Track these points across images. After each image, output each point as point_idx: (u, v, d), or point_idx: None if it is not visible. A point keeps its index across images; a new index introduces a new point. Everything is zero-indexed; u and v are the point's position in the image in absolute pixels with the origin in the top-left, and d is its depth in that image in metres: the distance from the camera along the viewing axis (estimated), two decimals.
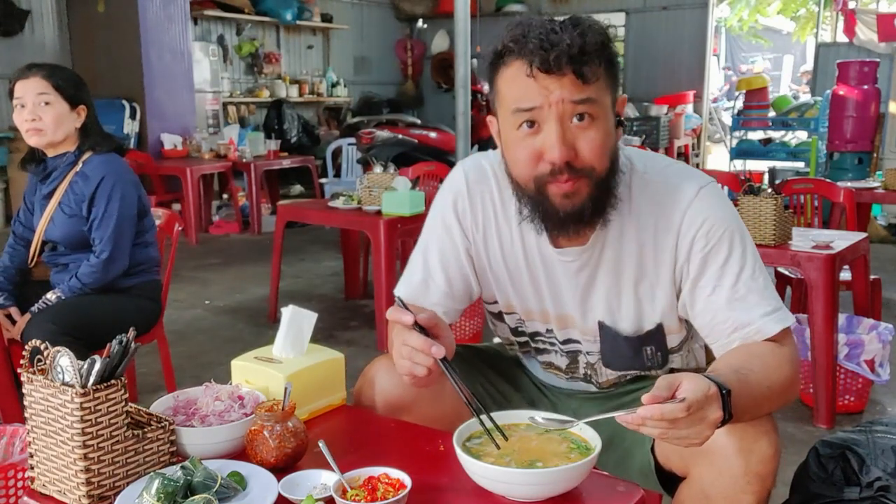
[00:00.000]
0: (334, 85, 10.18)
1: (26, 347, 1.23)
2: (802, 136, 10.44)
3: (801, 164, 9.29)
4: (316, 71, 10.12)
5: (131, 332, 1.24)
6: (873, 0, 12.92)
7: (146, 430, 1.22)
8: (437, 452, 1.31)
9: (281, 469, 1.22)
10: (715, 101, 14.89)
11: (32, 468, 1.22)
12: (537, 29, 1.25)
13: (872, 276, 3.38)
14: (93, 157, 2.48)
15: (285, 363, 1.47)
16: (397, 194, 3.71)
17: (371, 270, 4.31)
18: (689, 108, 10.20)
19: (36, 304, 2.43)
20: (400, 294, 1.53)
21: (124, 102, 7.00)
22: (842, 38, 10.61)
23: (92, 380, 1.17)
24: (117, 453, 1.18)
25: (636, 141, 8.67)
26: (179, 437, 1.27)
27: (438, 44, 10.87)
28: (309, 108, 9.90)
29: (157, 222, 2.72)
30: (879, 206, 6.53)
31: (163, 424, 1.24)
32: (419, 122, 8.51)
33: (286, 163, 7.32)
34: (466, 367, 1.55)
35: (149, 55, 7.14)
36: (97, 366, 1.17)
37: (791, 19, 18.15)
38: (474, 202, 1.50)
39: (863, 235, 3.15)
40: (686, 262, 1.38)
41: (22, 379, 1.21)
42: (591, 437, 1.22)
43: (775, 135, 10.91)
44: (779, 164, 9.19)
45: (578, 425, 1.24)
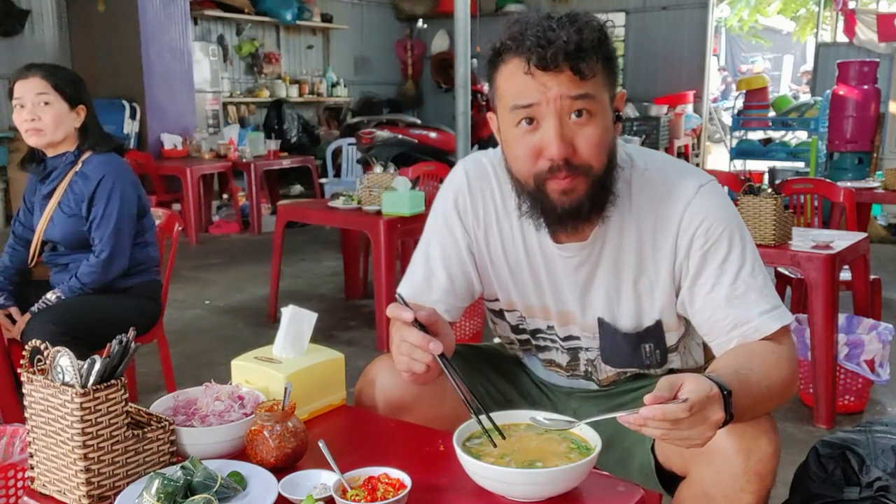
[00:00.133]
0: (334, 85, 10.18)
1: (26, 347, 1.23)
2: (802, 136, 10.44)
3: (801, 164, 9.29)
4: (316, 71, 10.12)
5: (131, 332, 1.24)
6: (873, 0, 12.93)
7: (146, 430, 1.22)
8: (437, 452, 1.31)
9: (281, 469, 1.22)
10: (715, 101, 14.90)
11: (32, 468, 1.22)
12: (535, 26, 1.25)
13: (872, 276, 3.39)
14: (92, 157, 2.48)
15: (285, 363, 1.46)
16: (397, 194, 3.71)
17: (371, 270, 4.31)
18: (689, 108, 10.21)
19: (36, 304, 2.43)
20: (402, 293, 1.52)
21: (124, 102, 7.00)
22: (842, 38, 10.62)
23: (92, 380, 1.17)
24: (117, 453, 1.18)
25: (636, 141, 8.67)
26: (179, 437, 1.27)
27: (438, 44, 10.88)
28: (309, 108, 9.90)
29: (157, 222, 2.72)
30: (879, 206, 6.53)
31: (163, 424, 1.24)
32: (419, 122, 8.50)
33: (286, 163, 7.32)
34: (467, 366, 1.55)
35: (149, 55, 7.15)
36: (97, 366, 1.18)
37: (791, 19, 18.16)
38: (475, 199, 1.50)
39: (863, 235, 3.15)
40: (685, 260, 1.39)
41: (22, 379, 1.21)
42: (591, 437, 1.22)
43: (775, 135, 10.91)
44: (779, 164, 9.19)
45: (580, 426, 1.24)
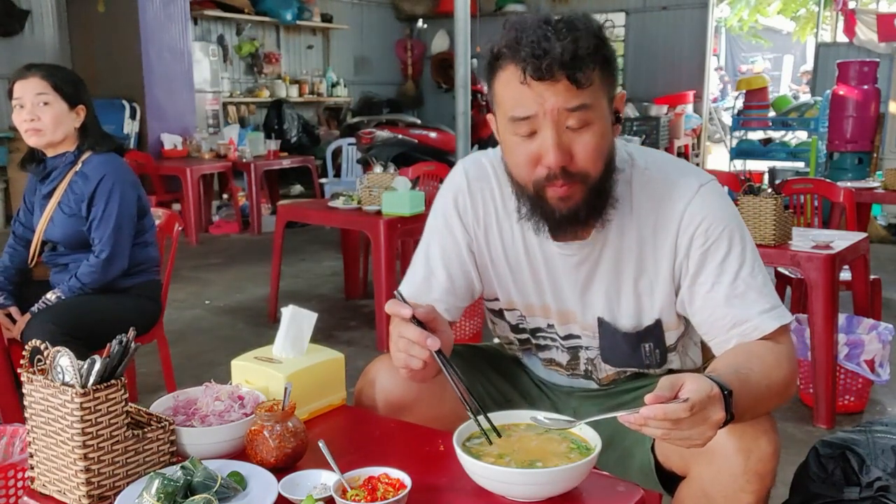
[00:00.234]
0: (334, 85, 10.18)
1: (26, 347, 1.23)
2: (802, 136, 10.44)
3: (801, 164, 9.29)
4: (316, 71, 10.12)
5: (131, 332, 1.24)
6: (873, 0, 12.93)
7: (146, 430, 1.22)
8: (437, 452, 1.31)
9: (281, 469, 1.22)
10: (715, 101, 14.90)
11: (32, 468, 1.22)
12: (531, 33, 1.24)
13: (872, 276, 3.39)
14: (92, 157, 2.48)
15: (285, 363, 1.46)
16: (397, 194, 3.71)
17: (371, 270, 4.31)
18: (689, 108, 10.20)
19: (36, 304, 2.43)
20: (403, 292, 1.53)
21: (124, 102, 7.00)
22: (842, 38, 10.62)
23: (92, 380, 1.16)
24: (117, 453, 1.18)
25: (636, 141, 8.67)
26: (179, 437, 1.27)
27: (438, 44, 10.88)
28: (309, 108, 9.90)
29: (157, 222, 2.72)
30: (879, 206, 6.53)
31: (163, 424, 1.24)
32: (419, 122, 8.50)
33: (286, 163, 7.32)
34: (467, 366, 1.55)
35: (149, 55, 7.15)
36: (97, 366, 1.17)
37: (791, 19, 18.15)
38: (475, 198, 1.51)
39: (863, 235, 3.15)
40: (685, 259, 1.39)
41: (22, 379, 1.21)
42: (591, 437, 1.22)
43: (775, 135, 10.91)
44: (779, 164, 9.19)
45: (580, 425, 1.24)
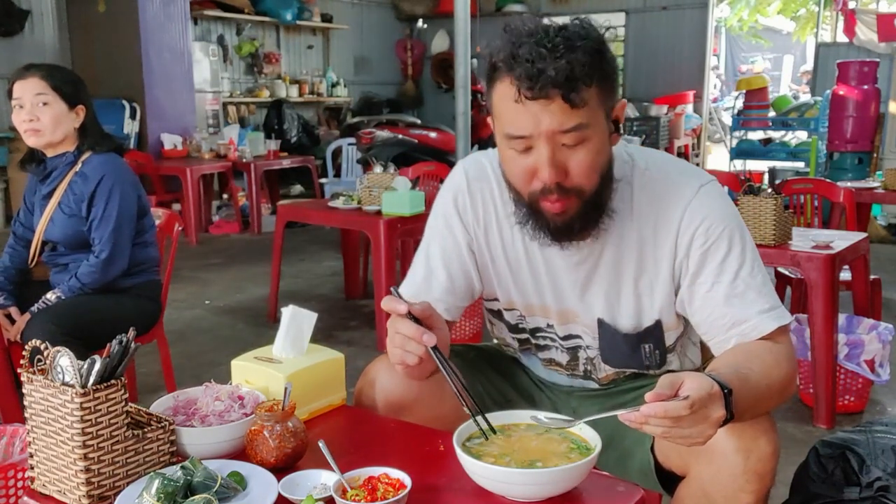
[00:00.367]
0: (334, 85, 10.18)
1: (26, 347, 1.23)
2: (802, 136, 10.44)
3: (801, 164, 9.29)
4: (316, 71, 10.12)
5: (131, 332, 1.24)
6: (873, 0, 12.93)
7: (146, 430, 1.22)
8: (437, 452, 1.31)
9: (281, 469, 1.22)
10: (715, 101, 14.90)
11: (32, 468, 1.22)
12: (526, 49, 1.22)
13: (872, 276, 3.39)
14: (92, 157, 2.48)
15: (285, 363, 1.46)
16: (397, 194, 3.71)
17: (371, 270, 4.31)
18: (689, 108, 10.21)
19: (36, 305, 2.43)
20: (403, 292, 1.53)
21: (124, 102, 7.00)
22: (842, 38, 10.62)
23: (92, 380, 1.16)
24: (117, 453, 1.18)
25: (636, 141, 8.67)
26: (179, 437, 1.27)
27: (438, 44, 10.88)
28: (309, 108, 9.90)
29: (157, 222, 2.72)
30: (879, 206, 6.53)
31: (163, 424, 1.24)
32: (419, 122, 8.50)
33: (286, 163, 7.32)
34: (466, 366, 1.55)
35: (149, 55, 7.15)
36: (97, 366, 1.17)
37: (791, 19, 18.16)
38: (475, 198, 1.51)
39: (863, 235, 3.15)
40: (685, 259, 1.39)
41: (22, 379, 1.21)
42: (591, 437, 1.22)
43: (775, 135, 10.91)
44: (779, 164, 9.20)
45: (580, 425, 1.24)
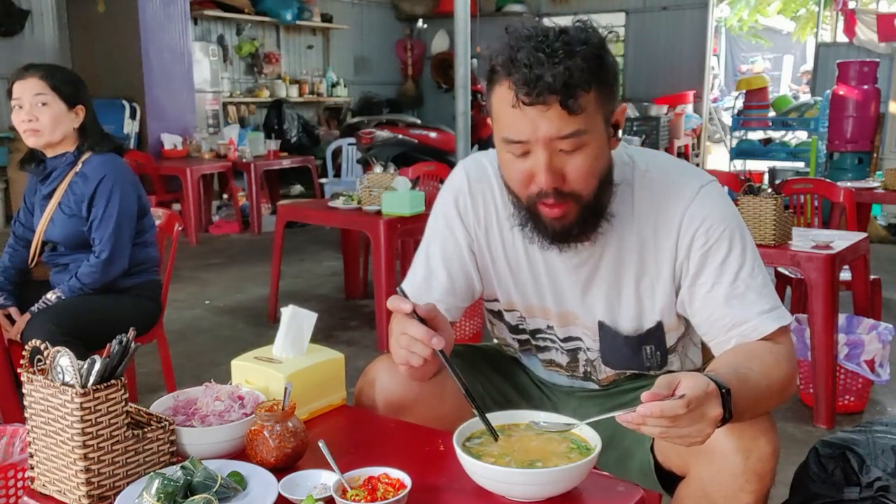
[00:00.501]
0: (334, 85, 10.18)
1: (26, 347, 1.23)
2: (802, 136, 10.44)
3: (801, 164, 9.29)
4: (316, 71, 10.12)
5: (131, 332, 1.24)
6: (873, 0, 12.93)
7: (146, 430, 1.22)
8: (437, 452, 1.31)
9: (281, 469, 1.22)
10: (715, 101, 14.89)
11: (32, 468, 1.22)
12: (525, 54, 1.21)
13: (872, 276, 3.38)
14: (92, 158, 2.48)
15: (285, 363, 1.46)
16: (397, 194, 3.71)
17: (371, 270, 4.31)
18: (689, 108, 10.21)
19: (36, 305, 2.43)
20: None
21: (124, 102, 7.00)
22: (842, 38, 10.62)
23: (92, 380, 1.17)
24: (117, 453, 1.18)
25: (636, 141, 8.68)
26: (179, 437, 1.27)
27: (438, 44, 10.87)
28: (309, 108, 9.90)
29: (157, 222, 2.72)
30: (879, 206, 6.53)
31: (163, 424, 1.24)
32: (419, 122, 8.50)
33: (286, 163, 7.32)
34: (466, 366, 1.55)
35: (149, 55, 7.14)
36: (97, 366, 1.17)
37: (791, 19, 18.15)
38: (475, 199, 1.51)
39: (863, 235, 3.15)
40: (686, 260, 1.39)
41: (22, 379, 1.21)
42: (591, 437, 1.22)
43: (775, 135, 10.91)
44: (779, 164, 9.19)
45: (579, 426, 1.24)
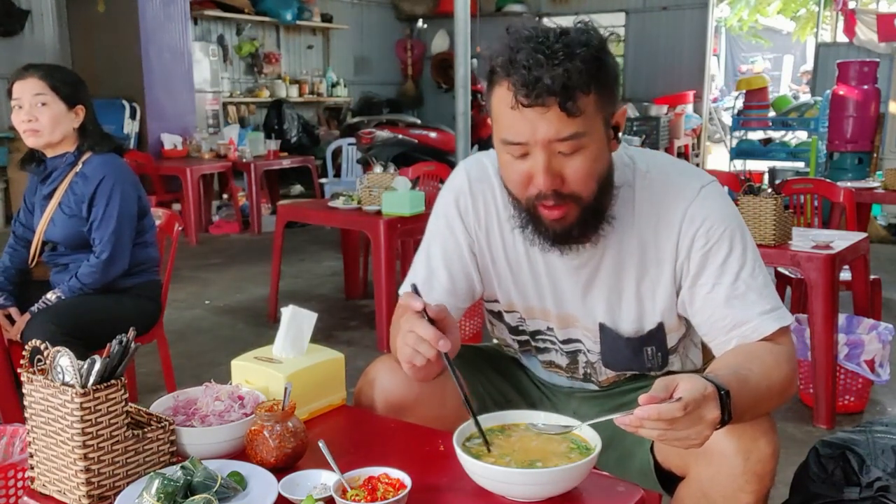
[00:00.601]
0: (334, 85, 10.18)
1: (26, 347, 1.23)
2: (802, 136, 10.44)
3: (801, 164, 9.29)
4: (316, 71, 10.12)
5: (131, 332, 1.24)
6: (873, 0, 12.93)
7: (146, 430, 1.22)
8: (437, 452, 1.31)
9: (281, 469, 1.22)
10: (715, 101, 14.89)
11: (32, 468, 1.22)
12: (524, 55, 1.21)
13: (872, 276, 3.38)
14: (92, 158, 2.48)
15: (285, 363, 1.47)
16: (397, 194, 3.71)
17: (371, 270, 4.31)
18: (689, 108, 10.21)
19: (36, 305, 2.43)
20: (404, 293, 1.53)
21: (124, 102, 7.00)
22: (842, 38, 10.62)
23: (92, 380, 1.17)
24: (117, 453, 1.18)
25: (636, 141, 8.68)
26: (179, 437, 1.27)
27: (438, 44, 10.87)
28: (309, 108, 9.90)
29: (157, 222, 2.72)
30: (879, 206, 6.53)
31: (163, 424, 1.24)
32: (419, 122, 8.50)
33: (286, 163, 7.32)
34: (466, 366, 1.55)
35: (149, 55, 7.14)
36: (97, 366, 1.18)
37: (791, 19, 18.15)
38: (476, 200, 1.51)
39: (863, 235, 3.15)
40: (686, 260, 1.39)
41: (22, 379, 1.21)
42: (591, 438, 1.22)
43: (775, 135, 10.91)
44: (779, 164, 9.20)
45: (579, 427, 1.24)
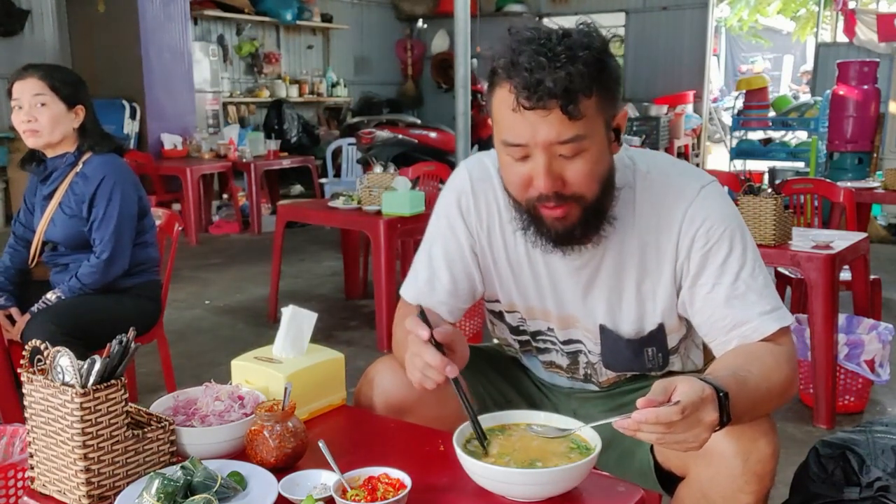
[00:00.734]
0: (334, 85, 10.18)
1: (26, 347, 1.23)
2: (802, 136, 10.44)
3: (801, 164, 9.29)
4: (316, 71, 10.12)
5: (131, 332, 1.24)
6: (873, 0, 12.93)
7: (146, 430, 1.22)
8: (437, 452, 1.31)
9: (281, 469, 1.22)
10: (715, 101, 14.89)
11: (32, 468, 1.22)
12: (526, 57, 1.20)
13: (872, 276, 3.38)
14: (93, 158, 2.48)
15: (285, 363, 1.47)
16: (397, 194, 3.71)
17: (371, 270, 4.31)
18: (689, 108, 10.21)
19: (36, 305, 2.43)
20: (406, 295, 1.53)
21: (124, 102, 7.00)
22: (842, 38, 10.62)
23: (92, 380, 1.17)
24: (117, 453, 1.18)
25: (636, 141, 8.67)
26: (179, 437, 1.27)
27: (438, 44, 10.87)
28: (309, 108, 9.90)
29: (157, 222, 2.72)
30: (879, 206, 6.53)
31: (163, 424, 1.24)
32: (419, 122, 8.50)
33: (286, 163, 7.32)
34: (467, 367, 1.54)
35: (149, 55, 7.14)
36: (97, 366, 1.18)
37: (791, 19, 18.15)
38: (478, 200, 1.50)
39: (863, 235, 3.15)
40: (686, 260, 1.39)
41: (22, 379, 1.21)
42: (591, 438, 1.22)
43: (775, 135, 10.91)
44: (779, 164, 9.19)
45: (580, 428, 1.24)
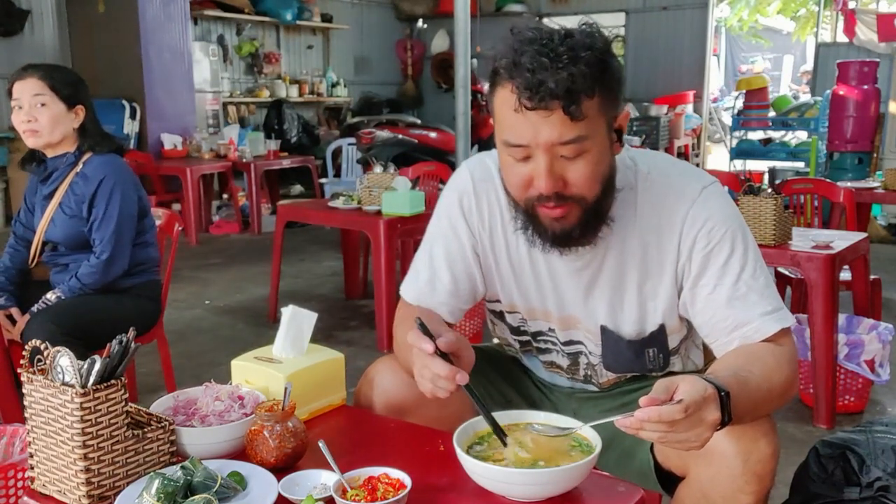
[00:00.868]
0: (334, 85, 10.18)
1: (26, 347, 1.23)
2: (802, 136, 10.44)
3: (801, 164, 9.29)
4: (316, 71, 10.12)
5: (131, 332, 1.24)
6: (873, 0, 12.93)
7: (146, 430, 1.22)
8: (437, 452, 1.31)
9: (281, 469, 1.22)
10: (715, 100, 14.89)
11: (32, 468, 1.22)
12: (528, 58, 1.20)
13: (872, 276, 3.39)
14: (93, 158, 2.48)
15: (285, 363, 1.47)
16: (397, 194, 3.71)
17: (371, 270, 4.31)
18: (689, 108, 10.21)
19: (36, 305, 2.43)
20: (406, 295, 1.53)
21: (124, 102, 7.00)
22: (842, 38, 10.62)
23: (92, 380, 1.17)
24: (117, 453, 1.18)
25: (636, 141, 8.67)
26: (179, 437, 1.27)
27: (438, 44, 10.87)
28: (309, 108, 9.90)
29: (157, 222, 2.72)
30: (879, 206, 6.53)
31: (163, 424, 1.24)
32: (419, 122, 8.50)
33: (286, 163, 7.32)
34: None
35: (149, 55, 7.15)
36: (97, 366, 1.18)
37: (791, 19, 18.15)
38: (480, 200, 1.50)
39: (863, 235, 3.15)
40: (688, 261, 1.39)
41: (22, 379, 1.21)
42: (592, 437, 1.22)
43: (775, 135, 10.91)
44: (779, 164, 9.19)
45: (581, 428, 1.24)
